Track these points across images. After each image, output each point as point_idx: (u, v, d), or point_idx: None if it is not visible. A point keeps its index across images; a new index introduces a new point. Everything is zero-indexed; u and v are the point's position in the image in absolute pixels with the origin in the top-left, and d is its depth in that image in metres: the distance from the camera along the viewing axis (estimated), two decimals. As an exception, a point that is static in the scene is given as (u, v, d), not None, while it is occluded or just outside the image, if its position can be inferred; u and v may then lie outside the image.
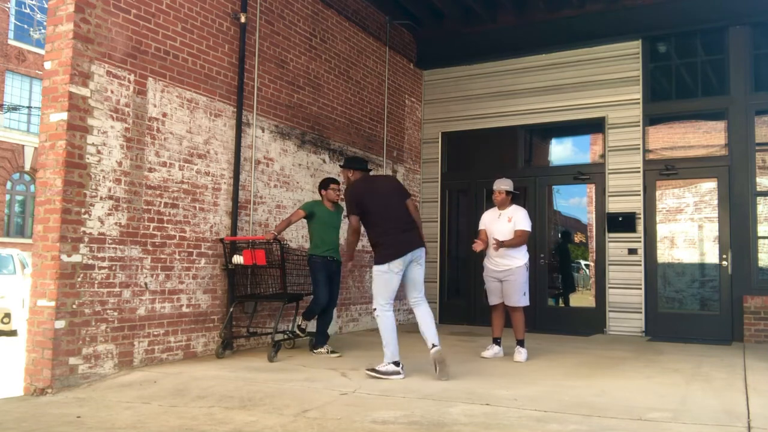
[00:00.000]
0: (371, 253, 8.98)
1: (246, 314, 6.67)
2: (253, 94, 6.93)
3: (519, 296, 6.34)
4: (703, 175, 8.76)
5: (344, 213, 7.26)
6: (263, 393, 4.63)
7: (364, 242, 8.80)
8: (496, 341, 6.52)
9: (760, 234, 8.25)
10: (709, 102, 8.81)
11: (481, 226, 6.65)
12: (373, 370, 5.21)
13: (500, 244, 6.23)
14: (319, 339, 6.63)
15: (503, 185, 6.54)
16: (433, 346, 5.20)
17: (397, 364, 5.21)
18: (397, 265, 5.26)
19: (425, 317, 5.35)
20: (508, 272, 6.34)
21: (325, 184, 6.79)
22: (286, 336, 6.61)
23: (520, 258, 6.38)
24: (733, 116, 8.42)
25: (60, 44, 5.09)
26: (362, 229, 5.53)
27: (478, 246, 6.44)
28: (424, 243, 5.53)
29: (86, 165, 5.13)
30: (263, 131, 7.09)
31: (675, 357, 6.62)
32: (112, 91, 5.37)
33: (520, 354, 6.26)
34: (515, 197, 6.70)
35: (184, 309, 6.00)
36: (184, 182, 6.05)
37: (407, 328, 9.26)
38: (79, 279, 5.03)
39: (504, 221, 6.43)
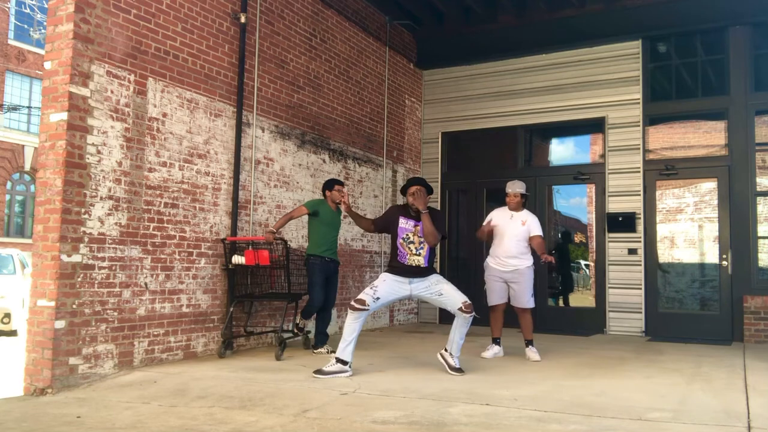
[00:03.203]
0: (371, 253, 9.05)
1: (246, 314, 6.67)
2: (253, 94, 6.93)
3: (528, 297, 6.41)
4: (703, 175, 8.76)
5: (343, 214, 7.28)
6: (263, 393, 4.63)
7: (364, 242, 8.82)
8: (496, 341, 6.53)
9: (760, 234, 8.25)
10: (709, 102, 8.81)
11: (491, 221, 6.58)
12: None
13: (549, 259, 6.36)
14: (319, 339, 6.64)
15: (518, 188, 6.50)
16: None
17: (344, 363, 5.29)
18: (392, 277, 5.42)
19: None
20: (516, 273, 6.36)
21: (330, 184, 6.79)
22: (292, 334, 6.61)
23: (528, 259, 6.43)
24: (733, 116, 8.42)
25: (60, 44, 5.09)
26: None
27: (483, 233, 6.47)
28: (426, 273, 5.48)
29: (86, 165, 5.13)
30: (263, 131, 7.09)
31: (675, 357, 6.62)
32: (112, 91, 5.37)
33: (535, 353, 6.30)
34: (526, 199, 6.70)
35: (184, 309, 6.00)
36: (184, 182, 6.05)
37: (407, 328, 9.27)
38: (79, 279, 5.03)
39: (518, 224, 6.42)
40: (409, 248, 5.41)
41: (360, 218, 5.69)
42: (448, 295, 5.39)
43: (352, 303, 5.30)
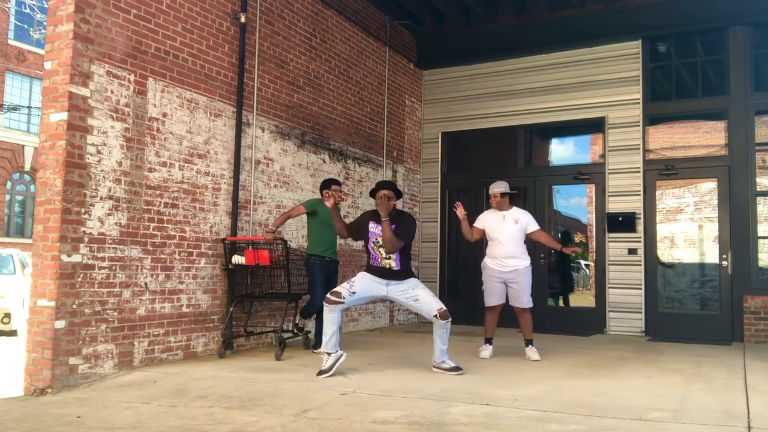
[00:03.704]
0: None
1: (246, 314, 6.67)
2: (253, 94, 6.93)
3: (527, 297, 6.41)
4: (703, 175, 8.76)
5: (343, 213, 7.28)
6: (263, 393, 4.63)
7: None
8: (489, 341, 6.54)
9: (760, 234, 8.25)
10: (709, 102, 8.81)
11: (479, 225, 6.58)
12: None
13: (573, 250, 6.60)
14: (319, 339, 6.62)
15: (497, 188, 6.51)
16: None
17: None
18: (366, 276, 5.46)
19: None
20: (515, 273, 6.35)
21: (327, 184, 6.78)
22: (292, 334, 6.62)
23: (526, 258, 6.44)
24: (733, 116, 8.42)
25: (60, 44, 5.09)
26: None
27: (461, 212, 6.39)
28: (402, 277, 5.45)
29: (86, 165, 5.13)
30: (263, 131, 7.09)
31: (675, 357, 6.62)
32: (112, 91, 5.37)
33: (534, 353, 6.31)
34: (514, 197, 6.70)
35: (184, 309, 6.00)
36: (184, 182, 6.05)
37: (407, 328, 9.27)
38: (79, 279, 5.03)
39: (510, 223, 6.42)
40: (380, 252, 5.39)
41: (339, 220, 5.59)
42: (424, 301, 5.36)
43: (328, 296, 5.30)
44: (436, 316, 5.30)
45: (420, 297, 5.37)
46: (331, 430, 3.79)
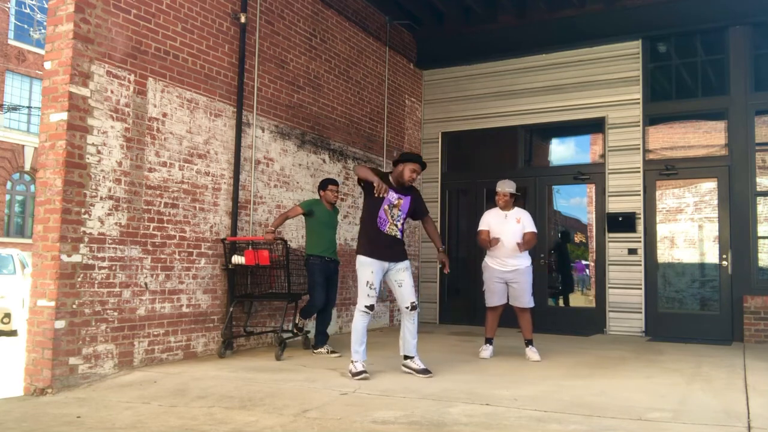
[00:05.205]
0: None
1: (246, 314, 6.67)
2: (253, 94, 6.93)
3: (528, 297, 6.43)
4: (703, 175, 8.76)
5: (342, 214, 7.27)
6: (263, 393, 4.63)
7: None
8: (490, 341, 6.55)
9: (760, 234, 8.25)
10: (709, 102, 8.81)
11: (484, 226, 6.59)
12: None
13: (522, 248, 6.36)
14: (319, 339, 6.64)
15: (507, 187, 6.54)
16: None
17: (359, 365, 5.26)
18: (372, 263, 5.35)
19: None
20: (516, 273, 6.37)
21: (324, 184, 6.80)
22: (291, 334, 6.62)
23: (527, 258, 6.47)
24: (733, 116, 8.42)
25: (60, 44, 5.09)
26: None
27: (494, 242, 6.43)
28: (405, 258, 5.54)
29: (86, 165, 5.13)
30: (263, 131, 7.09)
31: (675, 357, 6.62)
32: (112, 91, 5.37)
33: (535, 353, 6.31)
34: (517, 198, 6.72)
35: (184, 309, 6.00)
36: (184, 182, 6.05)
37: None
38: (79, 279, 5.03)
39: (512, 222, 6.44)
40: (392, 216, 5.40)
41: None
42: (406, 287, 5.41)
43: (366, 310, 5.31)
44: (407, 307, 5.39)
45: (404, 283, 5.42)
46: (331, 430, 3.79)
